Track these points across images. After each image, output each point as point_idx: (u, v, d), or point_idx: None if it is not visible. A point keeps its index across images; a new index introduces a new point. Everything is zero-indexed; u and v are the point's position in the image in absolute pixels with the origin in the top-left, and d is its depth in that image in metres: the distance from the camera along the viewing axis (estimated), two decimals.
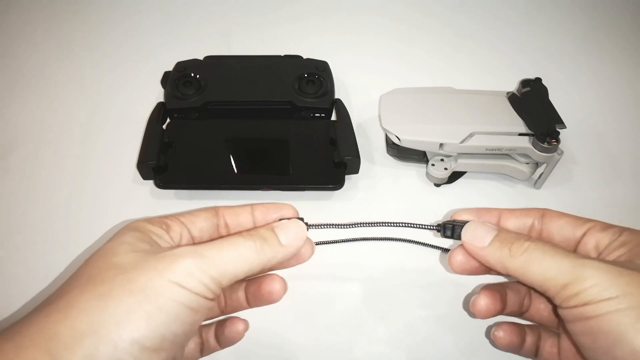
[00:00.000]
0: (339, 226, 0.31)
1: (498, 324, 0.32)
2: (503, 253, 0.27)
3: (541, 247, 0.26)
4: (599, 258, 0.27)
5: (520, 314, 0.33)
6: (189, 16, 0.64)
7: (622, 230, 0.27)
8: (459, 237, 0.29)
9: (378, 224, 0.32)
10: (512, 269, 0.26)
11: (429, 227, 0.31)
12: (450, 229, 0.30)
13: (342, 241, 0.42)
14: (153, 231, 0.27)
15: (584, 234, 0.28)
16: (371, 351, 0.37)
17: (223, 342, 0.32)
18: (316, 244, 0.32)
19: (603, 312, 0.23)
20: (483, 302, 0.30)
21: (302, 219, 0.30)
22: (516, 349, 0.32)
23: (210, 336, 0.32)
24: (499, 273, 0.29)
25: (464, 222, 0.29)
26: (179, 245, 0.28)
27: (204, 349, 0.32)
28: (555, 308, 0.26)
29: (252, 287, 0.31)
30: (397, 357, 0.37)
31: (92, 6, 0.65)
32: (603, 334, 0.23)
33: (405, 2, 0.66)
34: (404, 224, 0.31)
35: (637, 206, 0.46)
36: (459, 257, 0.30)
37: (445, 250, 0.42)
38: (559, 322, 0.31)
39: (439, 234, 0.31)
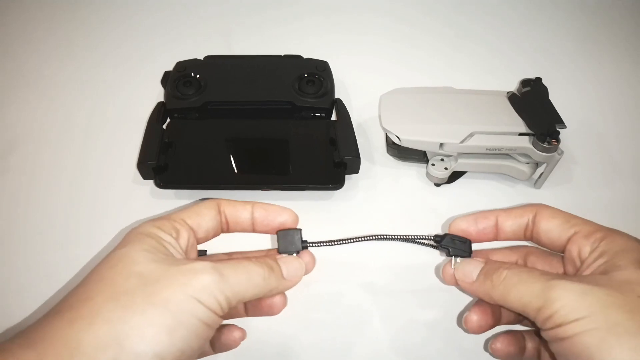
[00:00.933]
0: (337, 242, 0.33)
1: (495, 336, 0.32)
2: (486, 285, 0.28)
3: (517, 274, 0.27)
4: (569, 276, 0.28)
5: (519, 321, 0.33)
6: (189, 16, 0.64)
7: (604, 237, 0.27)
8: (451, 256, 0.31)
9: (376, 237, 0.33)
10: (496, 298, 0.28)
11: (426, 238, 0.32)
12: (446, 250, 0.32)
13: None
14: (165, 239, 0.28)
15: (569, 239, 0.29)
16: (369, 352, 0.37)
17: (218, 347, 0.32)
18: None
19: (572, 334, 0.23)
20: (475, 318, 0.31)
21: (300, 230, 0.31)
22: (517, 357, 0.32)
23: None
24: (488, 302, 0.30)
25: (460, 241, 0.31)
26: (193, 258, 0.29)
27: None
28: (539, 330, 0.26)
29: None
30: (395, 358, 0.37)
31: (92, 6, 0.65)
32: (574, 355, 0.23)
33: (405, 2, 0.66)
34: (401, 238, 0.33)
35: (637, 206, 0.46)
36: (451, 271, 0.31)
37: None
38: None
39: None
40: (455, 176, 0.47)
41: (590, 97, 0.55)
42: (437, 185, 0.47)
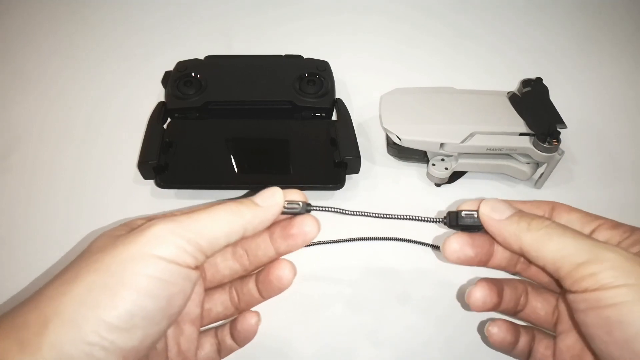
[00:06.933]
0: (344, 212, 0.30)
1: (492, 320, 0.31)
2: (521, 226, 0.26)
3: (562, 227, 0.25)
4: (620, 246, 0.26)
5: (515, 313, 0.32)
6: (190, 16, 0.64)
7: (633, 229, 0.26)
8: (466, 228, 0.28)
9: (384, 216, 0.31)
10: (526, 242, 0.25)
11: (435, 219, 0.29)
12: (458, 218, 0.28)
13: (343, 241, 0.42)
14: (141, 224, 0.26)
15: (593, 231, 0.27)
16: (369, 352, 0.37)
17: (239, 339, 0.31)
18: (313, 244, 0.32)
19: (622, 301, 0.22)
20: (479, 293, 0.29)
21: (309, 204, 0.29)
22: (509, 348, 0.31)
23: (226, 335, 0.32)
24: (508, 249, 0.27)
25: (474, 212, 0.28)
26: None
27: (221, 349, 0.32)
28: (564, 294, 0.24)
29: (261, 276, 0.30)
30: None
31: (92, 6, 0.65)
32: (621, 324, 0.22)
33: (405, 2, 0.66)
34: (410, 217, 0.30)
35: (637, 206, 0.46)
36: (453, 245, 0.28)
37: None
38: (555, 323, 0.30)
39: (445, 226, 0.29)
40: (455, 176, 0.47)
41: (590, 97, 0.55)
42: (438, 185, 0.47)
